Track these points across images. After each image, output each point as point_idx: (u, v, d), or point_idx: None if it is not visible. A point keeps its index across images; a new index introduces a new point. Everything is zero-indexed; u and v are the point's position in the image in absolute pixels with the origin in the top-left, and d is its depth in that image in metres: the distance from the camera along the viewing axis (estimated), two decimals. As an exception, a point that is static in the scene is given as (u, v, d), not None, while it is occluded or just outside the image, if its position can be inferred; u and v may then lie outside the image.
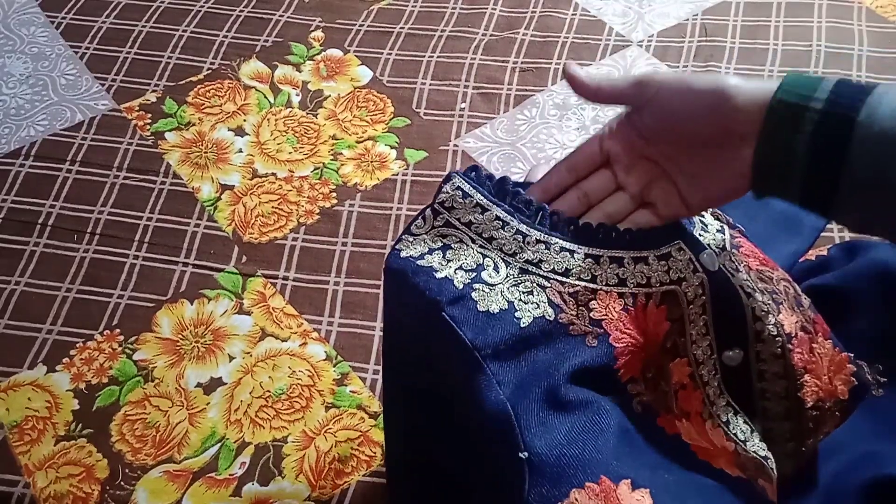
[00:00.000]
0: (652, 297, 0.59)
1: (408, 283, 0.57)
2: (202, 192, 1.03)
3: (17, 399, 0.84)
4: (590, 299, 0.58)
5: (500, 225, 0.59)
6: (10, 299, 0.92)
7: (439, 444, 0.64)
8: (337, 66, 1.18)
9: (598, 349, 0.57)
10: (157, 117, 1.11)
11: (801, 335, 0.63)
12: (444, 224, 0.59)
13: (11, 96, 1.14)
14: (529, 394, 0.54)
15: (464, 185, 0.59)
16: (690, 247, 0.61)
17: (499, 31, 1.23)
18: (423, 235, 0.59)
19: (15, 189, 1.03)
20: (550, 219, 0.59)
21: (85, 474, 0.79)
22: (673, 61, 1.18)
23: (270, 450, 0.81)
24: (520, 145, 1.07)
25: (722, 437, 0.61)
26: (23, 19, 1.26)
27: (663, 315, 0.60)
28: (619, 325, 0.58)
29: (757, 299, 0.62)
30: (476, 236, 0.59)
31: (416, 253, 0.58)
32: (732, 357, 0.63)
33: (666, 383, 0.61)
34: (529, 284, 0.58)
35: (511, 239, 0.58)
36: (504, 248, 0.58)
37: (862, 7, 1.23)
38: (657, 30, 1.22)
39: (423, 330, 0.59)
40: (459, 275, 0.57)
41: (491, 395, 0.53)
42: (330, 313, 0.91)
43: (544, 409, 0.54)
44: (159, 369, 0.86)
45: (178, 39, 1.22)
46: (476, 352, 0.54)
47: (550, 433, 0.53)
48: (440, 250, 0.58)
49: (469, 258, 0.58)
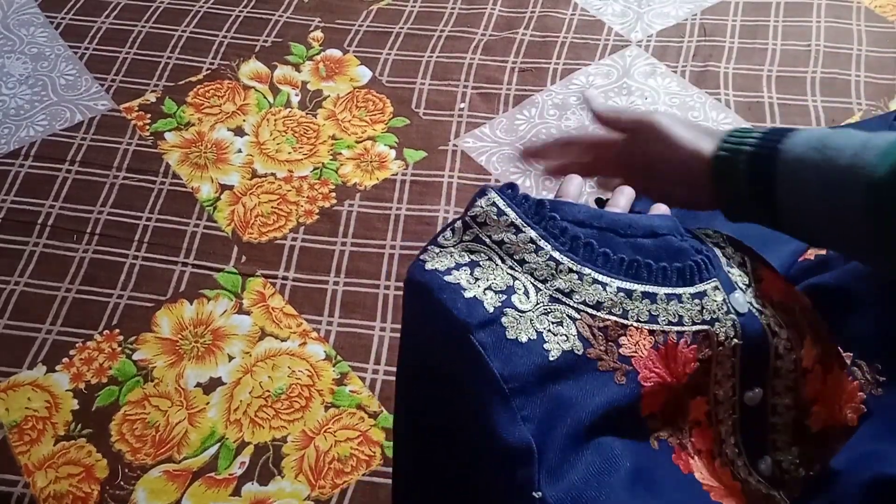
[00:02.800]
0: (683, 335, 0.57)
1: (433, 298, 0.54)
2: (202, 192, 1.03)
3: (16, 399, 0.84)
4: (620, 335, 0.55)
5: (534, 248, 0.56)
6: (10, 299, 0.92)
7: (445, 467, 0.62)
8: (336, 67, 1.18)
9: (625, 387, 0.55)
10: (156, 117, 1.11)
11: (818, 367, 0.62)
12: (473, 239, 0.56)
13: (11, 96, 1.14)
14: (553, 432, 0.52)
15: (499, 202, 0.56)
16: (724, 286, 0.59)
17: (498, 31, 1.23)
18: (450, 248, 0.56)
19: (15, 189, 1.03)
20: (585, 248, 0.56)
21: (85, 474, 0.79)
22: (672, 61, 1.18)
23: (270, 449, 0.81)
24: (519, 145, 1.07)
25: (729, 476, 0.60)
26: (22, 19, 1.26)
27: (693, 355, 0.57)
28: (648, 363, 0.56)
29: (781, 337, 0.60)
30: (507, 256, 0.56)
31: (443, 267, 0.55)
32: (753, 397, 0.61)
33: (683, 420, 0.59)
34: (560, 315, 0.55)
35: (543, 265, 0.56)
36: (535, 274, 0.56)
37: (861, 7, 1.23)
38: (656, 30, 1.22)
39: (444, 350, 0.56)
40: (489, 296, 0.54)
41: (515, 430, 0.51)
42: (329, 313, 0.91)
43: (567, 448, 0.52)
44: (159, 369, 0.86)
45: (178, 40, 1.22)
46: (503, 384, 0.52)
47: (568, 475, 0.51)
48: (468, 266, 0.55)
49: (499, 279, 0.55)
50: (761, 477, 0.62)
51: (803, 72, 1.12)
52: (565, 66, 1.17)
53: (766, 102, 1.11)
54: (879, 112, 1.07)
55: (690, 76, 1.15)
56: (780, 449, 0.64)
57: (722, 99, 1.12)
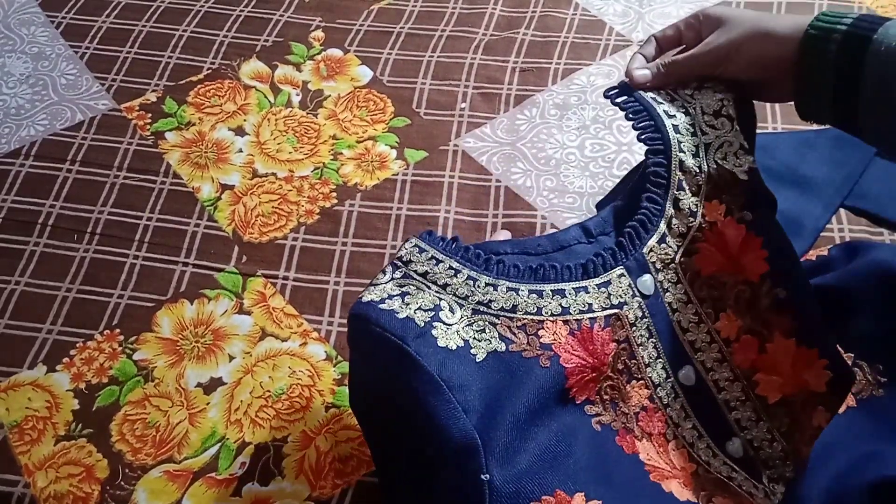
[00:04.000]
0: (595, 320, 0.65)
1: (371, 323, 0.63)
2: (202, 191, 1.03)
3: (17, 399, 0.84)
4: (538, 329, 0.64)
5: (453, 273, 0.66)
6: (10, 299, 0.92)
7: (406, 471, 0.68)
8: (337, 66, 1.18)
9: (549, 370, 0.63)
10: (157, 117, 1.11)
11: (746, 337, 0.68)
12: (402, 276, 0.66)
13: (11, 96, 1.14)
14: (495, 419, 0.59)
15: (420, 244, 0.67)
16: (632, 272, 0.68)
17: (499, 30, 1.23)
18: (383, 285, 0.66)
19: (15, 189, 1.03)
20: (497, 265, 0.66)
21: (85, 474, 0.79)
22: (673, 61, 1.17)
23: (270, 450, 0.81)
24: (520, 145, 1.07)
25: (685, 457, 0.67)
26: (23, 19, 1.26)
27: (608, 336, 0.65)
28: (566, 347, 0.64)
29: (684, 312, 0.68)
30: (431, 284, 0.66)
31: (378, 298, 0.65)
32: (686, 375, 0.69)
33: (626, 405, 0.66)
34: (482, 323, 0.64)
35: (463, 284, 0.65)
36: (457, 293, 0.65)
37: (862, 7, 1.22)
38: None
39: (387, 369, 0.64)
40: (419, 315, 0.64)
41: (459, 422, 0.59)
42: (330, 313, 0.91)
43: (510, 433, 0.59)
44: (159, 369, 0.86)
45: (178, 39, 1.22)
46: (442, 382, 0.60)
47: (513, 457, 0.58)
48: (399, 296, 0.65)
49: (426, 301, 0.64)
50: (732, 458, 0.67)
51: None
52: (566, 65, 1.17)
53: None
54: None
55: (691, 76, 1.15)
56: (747, 427, 0.69)
57: (723, 99, 1.12)
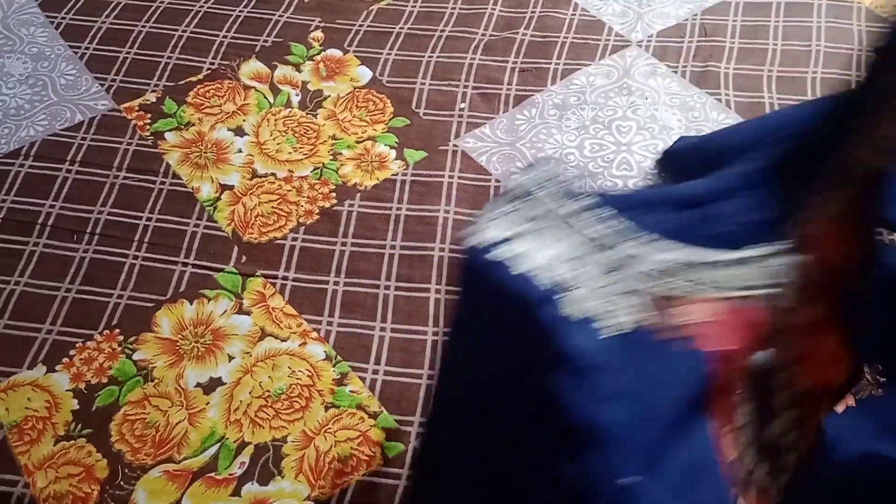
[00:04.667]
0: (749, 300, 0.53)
1: (490, 272, 0.51)
2: (202, 192, 1.03)
3: (16, 399, 0.84)
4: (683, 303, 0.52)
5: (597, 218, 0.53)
6: (10, 299, 0.92)
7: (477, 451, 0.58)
8: (336, 67, 1.18)
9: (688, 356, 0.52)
10: (156, 117, 1.11)
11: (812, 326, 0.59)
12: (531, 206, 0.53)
13: (11, 96, 1.14)
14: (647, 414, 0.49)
15: (560, 172, 0.53)
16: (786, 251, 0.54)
17: (498, 31, 1.23)
18: (511, 214, 0.52)
19: (15, 189, 1.03)
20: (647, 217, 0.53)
21: (84, 474, 0.79)
22: (672, 61, 1.18)
23: (270, 450, 0.81)
24: (519, 145, 1.07)
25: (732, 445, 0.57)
26: (22, 19, 1.26)
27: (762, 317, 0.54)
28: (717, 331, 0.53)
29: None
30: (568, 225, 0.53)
31: (500, 237, 0.51)
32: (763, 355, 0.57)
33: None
34: (623, 286, 0.51)
35: (609, 232, 0.52)
36: (599, 241, 0.52)
37: (861, 7, 1.23)
38: (656, 30, 1.22)
39: (502, 328, 0.53)
40: (552, 268, 0.51)
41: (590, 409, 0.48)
42: (329, 313, 0.91)
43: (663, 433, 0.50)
44: (159, 369, 0.86)
45: (178, 40, 1.22)
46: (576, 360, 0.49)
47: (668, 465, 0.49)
48: (529, 235, 0.52)
49: (563, 251, 0.51)
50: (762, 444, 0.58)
51: (803, 72, 1.12)
52: (566, 66, 1.17)
53: (766, 103, 1.11)
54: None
55: (691, 76, 1.15)
56: (778, 414, 0.60)
57: (722, 99, 1.12)
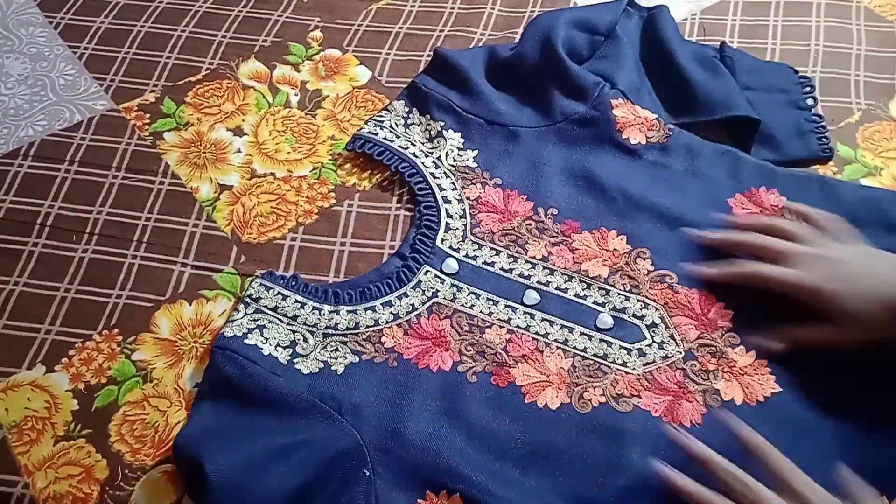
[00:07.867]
0: (420, 315, 0.80)
1: (239, 356, 0.77)
2: (201, 192, 1.03)
3: (16, 399, 0.84)
4: (380, 337, 0.79)
5: (300, 305, 0.82)
6: (9, 299, 0.92)
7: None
8: (336, 66, 1.18)
9: (398, 369, 0.77)
10: (155, 117, 1.11)
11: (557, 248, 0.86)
12: (255, 311, 0.81)
13: (10, 97, 1.14)
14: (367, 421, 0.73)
15: (265, 282, 0.84)
16: (434, 263, 0.85)
17: (497, 31, 1.23)
18: (239, 321, 0.81)
19: (13, 189, 1.03)
20: (334, 296, 0.83)
21: (84, 475, 0.79)
22: (672, 61, 1.17)
23: (269, 450, 0.81)
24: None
25: (561, 356, 0.77)
26: (21, 19, 1.26)
27: (435, 321, 0.80)
28: (406, 344, 0.79)
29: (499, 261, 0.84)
30: (283, 317, 0.81)
31: (240, 333, 0.79)
32: (529, 296, 0.81)
33: (491, 348, 0.78)
34: (333, 344, 0.79)
35: (310, 314, 0.81)
36: (307, 322, 0.80)
37: (861, 7, 1.23)
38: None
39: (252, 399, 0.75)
40: (280, 352, 0.78)
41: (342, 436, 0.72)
42: (329, 313, 0.91)
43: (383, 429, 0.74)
44: (158, 370, 0.86)
45: (177, 39, 1.22)
46: (315, 399, 0.74)
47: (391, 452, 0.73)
48: (257, 330, 0.80)
49: (282, 335, 0.79)
50: (606, 331, 0.79)
51: (803, 71, 1.12)
52: (565, 65, 1.17)
53: (765, 102, 1.11)
54: (880, 112, 1.07)
55: (690, 76, 1.15)
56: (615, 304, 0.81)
57: (721, 99, 1.12)
